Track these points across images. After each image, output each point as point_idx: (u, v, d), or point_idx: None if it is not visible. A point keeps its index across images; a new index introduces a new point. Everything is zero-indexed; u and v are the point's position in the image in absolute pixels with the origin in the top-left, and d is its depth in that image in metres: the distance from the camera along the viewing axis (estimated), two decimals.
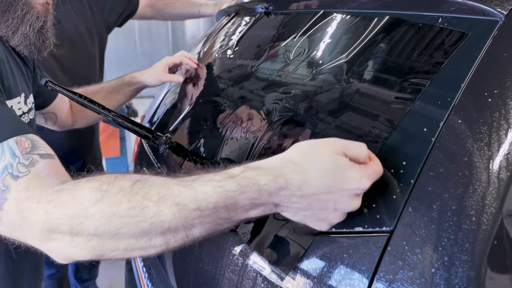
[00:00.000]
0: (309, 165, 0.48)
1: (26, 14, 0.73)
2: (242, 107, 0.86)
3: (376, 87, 0.61)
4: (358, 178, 0.48)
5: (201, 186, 0.49)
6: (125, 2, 1.61)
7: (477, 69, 0.51)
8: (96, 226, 0.48)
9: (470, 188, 0.46)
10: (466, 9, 0.57)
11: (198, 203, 0.48)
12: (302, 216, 0.51)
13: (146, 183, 0.49)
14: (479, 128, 0.48)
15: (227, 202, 0.48)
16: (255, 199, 0.48)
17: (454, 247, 0.44)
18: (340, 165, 0.48)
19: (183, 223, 0.48)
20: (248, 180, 0.48)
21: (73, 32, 1.47)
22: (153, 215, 0.47)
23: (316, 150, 0.50)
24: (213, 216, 0.48)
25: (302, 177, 0.48)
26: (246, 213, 0.49)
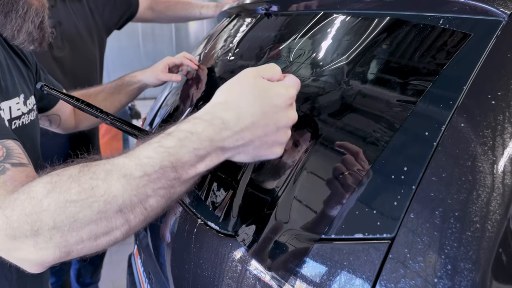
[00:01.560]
0: (237, 99, 0.49)
1: (27, 12, 0.74)
2: None
3: (377, 89, 0.60)
4: (284, 90, 0.51)
5: (143, 151, 0.48)
6: (125, 4, 1.61)
7: (480, 70, 0.50)
8: (53, 218, 0.47)
9: (473, 194, 0.45)
10: (469, 9, 0.55)
11: (143, 168, 0.47)
12: (253, 151, 0.51)
13: (93, 165, 0.49)
14: (482, 131, 0.47)
15: (171, 159, 0.47)
16: (198, 149, 0.48)
17: (458, 255, 0.43)
18: (263, 87, 0.50)
19: (135, 193, 0.47)
20: (185, 132, 0.48)
21: (74, 34, 1.47)
22: (104, 192, 0.47)
23: (237, 84, 0.51)
24: (162, 179, 0.48)
25: (235, 111, 0.49)
26: (194, 167, 0.49)
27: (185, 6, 1.74)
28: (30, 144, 0.88)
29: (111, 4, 1.58)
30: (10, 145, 0.63)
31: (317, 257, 0.51)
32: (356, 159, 0.54)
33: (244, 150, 0.51)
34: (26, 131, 0.86)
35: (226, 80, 1.03)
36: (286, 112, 0.50)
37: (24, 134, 0.85)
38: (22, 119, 0.85)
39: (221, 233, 0.65)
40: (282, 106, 0.50)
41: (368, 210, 0.50)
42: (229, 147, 0.49)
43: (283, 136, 0.51)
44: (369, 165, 0.52)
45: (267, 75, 0.52)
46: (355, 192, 0.52)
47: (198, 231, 0.67)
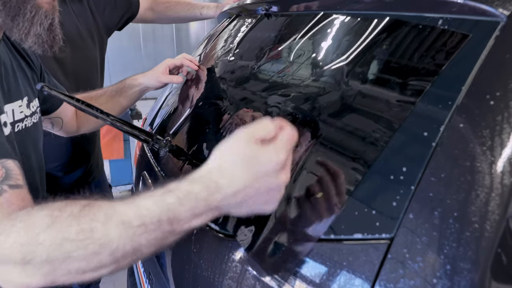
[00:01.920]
0: (230, 164, 0.52)
1: (35, 16, 0.74)
2: (243, 109, 0.86)
3: (376, 90, 0.60)
4: (275, 155, 0.52)
5: (143, 201, 0.51)
6: (125, 5, 1.61)
7: (478, 71, 0.50)
8: (47, 252, 0.48)
9: (472, 194, 0.45)
10: (467, 10, 0.55)
11: (142, 219, 0.50)
12: (246, 208, 0.54)
13: (95, 206, 0.51)
14: (481, 131, 0.47)
15: (169, 214, 0.50)
16: (195, 208, 0.51)
17: (457, 255, 0.43)
18: (254, 152, 0.52)
19: (130, 241, 0.50)
20: (184, 192, 0.51)
21: (75, 35, 1.47)
22: (101, 236, 0.49)
23: (231, 148, 0.54)
24: (158, 231, 0.50)
25: (229, 178, 0.52)
26: (189, 223, 0.52)
27: (186, 6, 1.74)
28: (32, 146, 0.88)
29: (112, 5, 1.58)
30: (9, 165, 0.64)
31: (316, 258, 0.51)
32: (355, 160, 0.54)
33: (238, 208, 0.54)
34: (29, 134, 0.87)
35: (226, 81, 1.04)
36: (276, 175, 0.53)
37: (27, 137, 0.86)
38: (25, 122, 0.85)
39: (221, 233, 0.65)
40: (273, 170, 0.52)
41: (367, 210, 0.50)
42: (223, 206, 0.53)
43: (275, 195, 0.54)
44: (369, 165, 0.52)
45: (259, 136, 0.53)
46: (354, 192, 0.52)
47: (198, 232, 0.68)
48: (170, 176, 0.94)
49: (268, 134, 0.54)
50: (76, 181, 1.57)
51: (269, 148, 0.53)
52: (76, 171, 1.57)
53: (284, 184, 0.54)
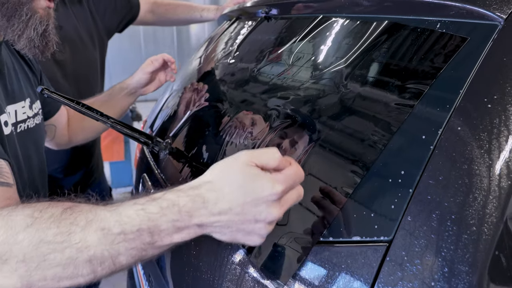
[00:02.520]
0: (222, 181, 0.50)
1: (30, 19, 0.75)
2: (242, 112, 0.86)
3: (374, 93, 0.60)
4: (271, 185, 0.49)
5: (125, 209, 0.50)
6: (126, 8, 1.61)
7: (476, 74, 0.50)
8: (24, 253, 0.48)
9: (470, 197, 0.45)
10: (465, 14, 0.56)
11: (122, 227, 0.49)
12: (229, 234, 0.51)
13: (76, 209, 0.50)
14: (479, 134, 0.47)
15: (150, 224, 0.49)
16: (177, 221, 0.49)
17: (455, 257, 0.44)
18: (250, 176, 0.49)
19: (108, 248, 0.48)
20: (168, 202, 0.50)
21: (75, 37, 1.47)
22: (79, 241, 0.48)
23: (227, 166, 0.51)
24: (137, 241, 0.49)
25: (217, 194, 0.50)
26: (170, 237, 0.50)
27: (186, 9, 1.75)
28: (34, 147, 0.89)
29: (112, 7, 1.58)
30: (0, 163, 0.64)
31: (315, 260, 0.52)
32: (354, 163, 0.55)
33: (221, 231, 0.51)
34: (31, 135, 0.87)
35: (226, 82, 1.05)
36: (268, 207, 0.49)
37: (29, 138, 0.86)
38: (28, 123, 0.86)
39: None
40: (264, 200, 0.49)
41: (366, 213, 0.50)
42: (206, 225, 0.51)
43: (262, 229, 0.51)
44: (367, 168, 0.52)
45: (262, 161, 0.50)
46: (353, 195, 0.52)
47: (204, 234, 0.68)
48: (170, 178, 0.94)
49: (272, 162, 0.51)
50: (76, 183, 1.57)
51: (267, 176, 0.50)
52: (77, 173, 1.58)
53: (273, 220, 0.50)
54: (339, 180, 0.55)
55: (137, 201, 0.51)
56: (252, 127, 0.79)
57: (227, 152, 0.81)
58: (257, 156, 0.51)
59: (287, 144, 0.67)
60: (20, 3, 0.73)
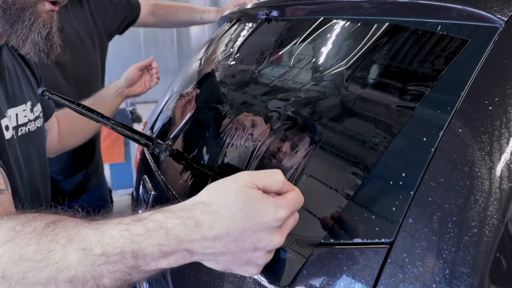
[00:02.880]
0: (220, 204, 0.46)
1: (33, 23, 0.75)
2: (243, 114, 0.86)
3: (375, 95, 0.60)
4: (274, 210, 0.46)
5: (109, 229, 0.46)
6: (126, 10, 1.62)
7: (477, 76, 0.51)
8: (3, 268, 0.45)
9: (471, 199, 0.45)
10: (466, 16, 0.56)
11: (104, 248, 0.45)
12: (224, 263, 0.47)
13: (59, 225, 0.47)
14: (480, 137, 0.47)
15: (133, 247, 0.45)
16: (163, 245, 0.45)
17: (456, 259, 0.43)
18: (251, 199, 0.46)
19: (90, 270, 0.45)
20: (155, 224, 0.45)
21: (76, 39, 1.48)
22: (59, 260, 0.45)
23: (225, 188, 0.47)
24: (120, 264, 0.45)
25: (213, 217, 0.45)
26: (156, 262, 0.46)
27: (187, 11, 1.75)
28: (35, 151, 0.89)
29: (113, 9, 1.59)
30: None
31: (316, 262, 0.52)
32: (355, 165, 0.55)
33: (214, 259, 0.47)
34: (32, 138, 0.87)
35: (227, 84, 1.05)
36: (269, 234, 0.46)
37: (30, 141, 0.86)
38: (29, 126, 0.86)
39: None
40: (266, 226, 0.45)
41: (367, 215, 0.50)
42: (197, 252, 0.46)
43: (260, 259, 0.47)
44: (368, 170, 0.52)
45: (264, 184, 0.47)
46: (354, 197, 0.52)
47: None
48: (170, 179, 0.94)
49: (275, 185, 0.48)
50: (76, 185, 1.57)
51: (271, 200, 0.46)
52: (77, 175, 1.58)
53: (274, 248, 0.47)
54: (340, 182, 0.55)
55: (122, 221, 0.47)
56: (253, 129, 0.79)
57: (227, 154, 0.81)
58: (259, 178, 0.47)
59: (288, 146, 0.67)
60: (22, 8, 0.73)
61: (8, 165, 0.73)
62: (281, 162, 0.65)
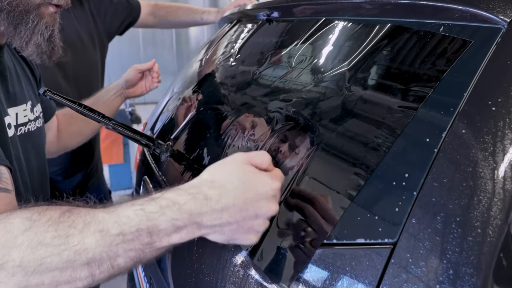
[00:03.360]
0: (224, 179, 0.52)
1: (37, 25, 0.75)
2: (244, 114, 0.86)
3: (378, 96, 0.60)
4: (270, 181, 0.53)
5: (124, 210, 0.50)
6: (126, 10, 1.62)
7: (480, 77, 0.51)
8: (21, 257, 0.47)
9: (475, 199, 0.45)
10: (469, 17, 0.56)
11: (120, 227, 0.48)
12: (229, 233, 0.52)
13: (74, 212, 0.50)
14: (483, 137, 0.47)
15: (148, 224, 0.49)
16: (176, 220, 0.49)
17: (459, 260, 0.44)
18: (250, 173, 0.53)
19: (107, 250, 0.48)
20: (168, 201, 0.50)
21: (76, 39, 1.48)
22: (77, 243, 0.47)
23: (226, 165, 0.54)
24: (136, 242, 0.49)
25: (220, 191, 0.51)
26: (169, 237, 0.50)
27: (187, 11, 1.75)
28: (34, 151, 0.89)
29: (113, 10, 1.58)
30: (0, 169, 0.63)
31: (319, 262, 0.51)
32: (358, 165, 0.55)
33: (220, 230, 0.52)
34: (32, 138, 0.87)
35: (228, 85, 1.05)
36: (267, 202, 0.52)
37: (29, 141, 0.86)
38: (28, 126, 0.86)
39: None
40: (265, 195, 0.52)
41: (370, 215, 0.50)
42: (206, 224, 0.51)
43: (260, 225, 0.53)
44: (371, 171, 0.52)
45: (255, 162, 0.54)
46: (357, 197, 0.52)
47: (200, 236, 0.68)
48: (171, 180, 0.94)
49: (263, 163, 0.55)
50: (75, 186, 1.57)
51: (265, 174, 0.54)
52: (76, 176, 1.57)
53: (272, 214, 0.53)
54: (343, 183, 0.55)
55: (135, 202, 0.51)
56: (254, 129, 0.79)
57: (228, 154, 0.81)
58: (252, 157, 0.55)
59: (291, 147, 0.67)
60: (26, 11, 0.73)
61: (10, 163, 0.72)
62: (284, 162, 0.65)
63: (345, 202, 0.53)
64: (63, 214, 0.49)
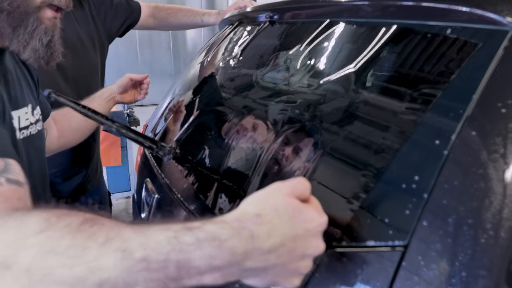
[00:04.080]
0: (270, 213, 0.45)
1: (35, 29, 0.74)
2: (247, 117, 0.86)
3: (385, 99, 0.60)
4: (317, 215, 0.47)
5: (155, 234, 0.42)
6: (126, 12, 1.61)
7: (489, 79, 0.51)
8: (29, 261, 0.41)
9: (486, 201, 0.45)
10: (476, 19, 0.56)
11: (146, 252, 0.41)
12: (271, 276, 0.46)
13: (98, 222, 0.43)
14: (493, 139, 0.47)
15: (180, 256, 0.41)
16: (214, 258, 0.42)
17: (472, 262, 0.43)
18: (296, 207, 0.47)
19: (125, 276, 0.40)
20: (207, 234, 0.42)
21: (76, 41, 1.47)
22: (93, 259, 0.40)
23: (271, 198, 0.47)
24: (161, 273, 0.41)
25: (268, 227, 0.44)
26: (200, 276, 0.42)
27: (187, 13, 1.74)
28: (36, 154, 0.88)
29: (113, 12, 1.58)
30: (9, 161, 0.59)
31: (329, 266, 0.51)
32: (367, 168, 0.55)
33: (262, 274, 0.46)
34: (34, 141, 0.86)
35: (228, 87, 1.04)
36: (315, 239, 0.47)
37: (32, 144, 0.85)
38: (30, 129, 0.85)
39: None
40: (313, 232, 0.47)
41: (381, 218, 0.50)
42: (249, 267, 0.44)
43: (306, 267, 0.47)
44: (381, 173, 0.52)
45: (299, 193, 0.48)
46: (367, 200, 0.52)
47: None
48: (172, 182, 0.93)
49: (305, 193, 0.49)
50: (75, 188, 1.56)
51: (311, 207, 0.48)
52: (75, 177, 1.56)
53: (319, 252, 0.47)
54: (353, 185, 0.54)
55: (170, 227, 0.43)
56: (258, 132, 0.79)
57: (232, 157, 0.80)
58: (295, 187, 0.48)
59: (294, 149, 0.67)
60: (26, 13, 0.72)
61: None
62: (293, 166, 0.65)
63: (355, 204, 0.52)
64: (85, 222, 0.43)
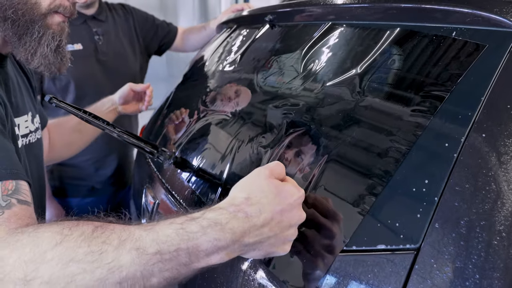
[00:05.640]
0: (258, 195, 0.52)
1: (42, 36, 0.72)
2: (248, 121, 0.85)
3: (391, 102, 0.60)
4: (295, 190, 0.54)
5: (163, 228, 0.48)
6: (164, 32, 1.77)
7: (497, 81, 0.51)
8: (50, 273, 0.44)
9: (498, 203, 0.45)
10: (481, 21, 0.56)
11: (159, 246, 0.47)
12: (267, 247, 0.52)
13: (108, 228, 0.48)
14: (503, 141, 0.47)
15: (189, 244, 0.48)
16: (218, 240, 0.49)
17: (485, 264, 0.43)
18: (277, 185, 0.54)
19: (142, 269, 0.46)
20: (209, 221, 0.49)
21: (118, 45, 1.61)
22: (111, 260, 0.45)
23: (255, 181, 0.54)
24: (174, 262, 0.47)
25: (258, 206, 0.51)
26: (208, 257, 0.49)
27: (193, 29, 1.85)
28: (36, 162, 0.87)
29: (154, 30, 1.75)
30: (20, 182, 0.61)
31: (340, 270, 0.51)
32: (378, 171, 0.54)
33: (259, 246, 0.52)
34: (33, 150, 0.85)
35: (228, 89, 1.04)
36: (297, 210, 0.54)
37: (31, 152, 0.84)
38: (29, 137, 0.84)
39: None
40: (295, 204, 0.53)
41: (392, 221, 0.50)
42: (248, 242, 0.51)
43: (293, 234, 0.54)
44: (391, 177, 0.52)
45: (277, 174, 0.56)
46: (377, 204, 0.52)
47: None
48: (173, 184, 0.92)
49: (282, 173, 0.56)
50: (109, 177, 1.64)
51: (289, 184, 0.55)
52: (108, 168, 1.63)
53: (302, 221, 0.54)
54: (363, 189, 0.54)
55: (174, 221, 0.49)
56: (258, 136, 0.78)
57: (234, 162, 0.80)
58: (273, 170, 0.56)
59: (296, 154, 0.67)
60: (32, 21, 0.70)
61: None
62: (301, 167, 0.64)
63: (366, 208, 0.52)
64: (96, 229, 0.48)
